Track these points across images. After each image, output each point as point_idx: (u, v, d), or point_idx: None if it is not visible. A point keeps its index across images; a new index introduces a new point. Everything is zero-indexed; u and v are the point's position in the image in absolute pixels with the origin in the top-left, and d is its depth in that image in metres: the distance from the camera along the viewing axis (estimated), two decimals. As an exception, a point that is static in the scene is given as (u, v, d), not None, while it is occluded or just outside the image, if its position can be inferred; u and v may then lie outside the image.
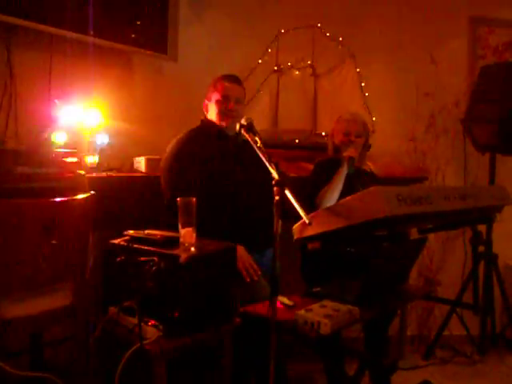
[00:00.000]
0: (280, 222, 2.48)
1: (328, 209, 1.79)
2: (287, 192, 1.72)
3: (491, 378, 3.20)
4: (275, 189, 1.72)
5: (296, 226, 1.87)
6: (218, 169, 2.44)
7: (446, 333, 3.49)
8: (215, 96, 2.54)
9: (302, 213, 1.68)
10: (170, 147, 2.49)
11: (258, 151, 1.92)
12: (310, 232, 1.79)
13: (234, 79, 2.57)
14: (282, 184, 1.72)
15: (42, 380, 2.09)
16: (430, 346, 3.45)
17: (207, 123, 2.58)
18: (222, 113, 2.51)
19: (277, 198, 1.71)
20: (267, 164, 1.84)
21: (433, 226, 2.02)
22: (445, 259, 3.70)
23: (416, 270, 3.58)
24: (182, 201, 1.91)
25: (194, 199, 1.92)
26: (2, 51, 2.61)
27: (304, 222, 1.68)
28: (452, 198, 1.79)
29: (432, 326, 3.65)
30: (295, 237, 1.88)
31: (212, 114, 2.56)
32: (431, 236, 3.48)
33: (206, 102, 2.60)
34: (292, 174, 2.93)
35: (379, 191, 1.54)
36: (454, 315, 3.45)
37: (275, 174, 1.76)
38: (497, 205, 2.15)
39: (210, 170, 2.41)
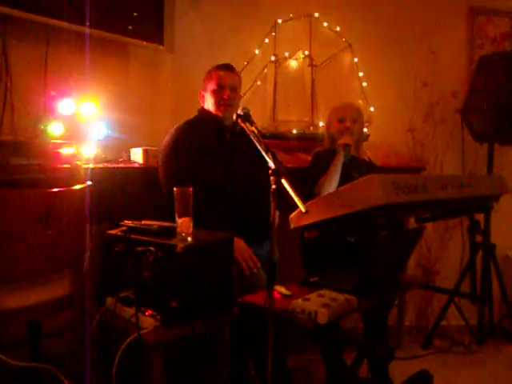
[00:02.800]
0: (278, 212, 2.51)
1: (324, 197, 1.79)
2: (284, 181, 1.71)
3: (489, 367, 3.21)
4: (272, 178, 1.71)
5: (293, 215, 1.87)
6: (215, 159, 2.43)
7: (444, 323, 3.50)
8: (211, 86, 2.53)
9: (298, 201, 1.67)
10: (166, 138, 2.49)
11: (254, 141, 1.91)
12: (306, 221, 1.78)
13: (228, 68, 2.56)
14: (278, 173, 1.71)
15: (40, 371, 2.10)
16: (428, 336, 3.46)
17: (204, 113, 2.58)
18: (218, 102, 2.50)
19: (273, 186, 1.70)
20: (264, 153, 1.83)
21: (430, 215, 2.01)
22: (443, 249, 3.70)
23: (414, 260, 3.59)
24: (179, 190, 1.91)
25: (191, 188, 1.92)
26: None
27: (301, 210, 1.67)
28: (449, 186, 1.78)
29: (430, 316, 3.66)
30: (292, 226, 1.88)
31: (208, 103, 2.55)
32: (429, 226, 3.49)
33: (202, 92, 2.60)
34: (290, 165, 2.92)
35: (375, 179, 1.54)
36: (452, 305, 3.45)
37: (272, 163, 1.75)
38: (494, 194, 2.14)
39: (207, 161, 2.41)
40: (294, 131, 3.28)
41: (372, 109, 3.42)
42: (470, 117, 3.44)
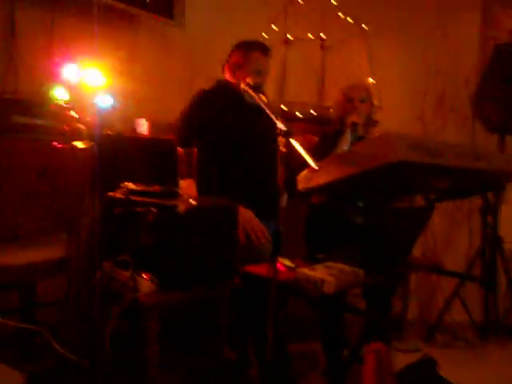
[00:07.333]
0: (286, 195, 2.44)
1: (336, 156, 1.72)
2: (293, 140, 1.64)
3: (491, 362, 3.12)
4: (281, 139, 1.65)
5: (302, 175, 1.79)
6: (230, 132, 2.37)
7: (447, 318, 3.42)
8: (249, 67, 2.40)
9: (309, 160, 1.60)
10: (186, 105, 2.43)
11: (262, 105, 1.86)
12: (317, 181, 1.70)
13: (268, 52, 2.47)
14: (288, 133, 1.64)
15: (32, 335, 2.03)
16: (430, 330, 3.38)
17: (225, 85, 2.49)
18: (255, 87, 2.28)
19: (283, 149, 1.63)
20: (273, 117, 1.76)
21: (442, 186, 1.92)
22: (449, 243, 3.62)
23: (420, 251, 3.52)
24: (183, 151, 1.85)
25: (195, 149, 1.85)
26: (5, 7, 2.55)
27: (311, 169, 1.60)
28: (465, 156, 1.71)
29: (433, 311, 3.58)
30: (300, 186, 1.80)
31: (235, 79, 2.44)
32: (436, 218, 3.41)
33: (233, 66, 2.47)
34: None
35: (391, 136, 1.47)
36: (456, 299, 3.37)
37: (281, 125, 1.68)
38: (508, 171, 2.06)
39: (222, 133, 2.35)
40: (302, 113, 3.21)
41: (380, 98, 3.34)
42: (482, 106, 3.36)
